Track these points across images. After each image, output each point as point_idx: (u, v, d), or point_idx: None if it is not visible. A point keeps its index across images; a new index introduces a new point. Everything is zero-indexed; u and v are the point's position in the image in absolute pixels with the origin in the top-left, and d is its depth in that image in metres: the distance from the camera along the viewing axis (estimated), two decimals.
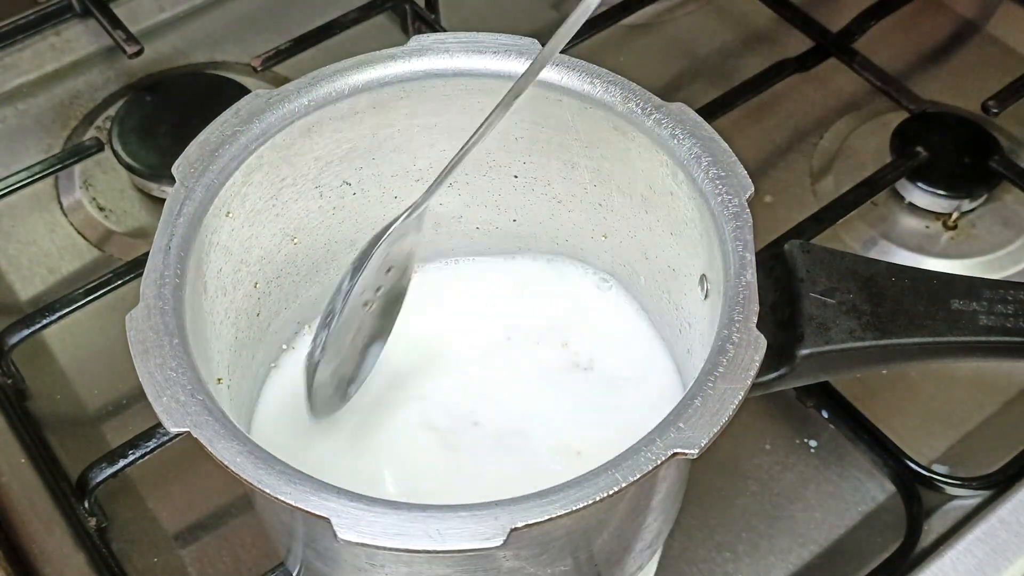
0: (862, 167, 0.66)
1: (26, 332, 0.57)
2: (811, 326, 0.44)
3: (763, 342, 0.37)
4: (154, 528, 0.54)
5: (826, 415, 0.56)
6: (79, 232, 0.66)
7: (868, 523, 0.54)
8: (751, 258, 0.39)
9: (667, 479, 0.42)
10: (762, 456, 0.56)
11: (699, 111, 0.44)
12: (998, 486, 0.53)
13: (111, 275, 0.59)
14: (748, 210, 0.41)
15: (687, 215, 0.43)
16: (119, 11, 0.72)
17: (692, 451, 0.35)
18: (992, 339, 0.45)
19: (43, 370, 0.59)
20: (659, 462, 0.34)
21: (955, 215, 0.65)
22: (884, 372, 0.58)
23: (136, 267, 0.59)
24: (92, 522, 0.52)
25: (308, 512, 0.34)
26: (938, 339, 0.45)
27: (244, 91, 0.58)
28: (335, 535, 0.33)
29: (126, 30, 0.70)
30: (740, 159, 0.42)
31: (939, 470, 0.54)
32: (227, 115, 0.44)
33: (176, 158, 0.42)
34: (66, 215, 0.66)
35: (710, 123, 0.43)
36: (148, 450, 0.52)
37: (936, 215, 0.65)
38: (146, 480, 0.55)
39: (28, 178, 0.65)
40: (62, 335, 0.60)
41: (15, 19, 0.72)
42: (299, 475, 0.35)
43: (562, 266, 0.53)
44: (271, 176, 0.45)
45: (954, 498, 0.54)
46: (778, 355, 0.44)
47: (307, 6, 0.76)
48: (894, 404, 0.57)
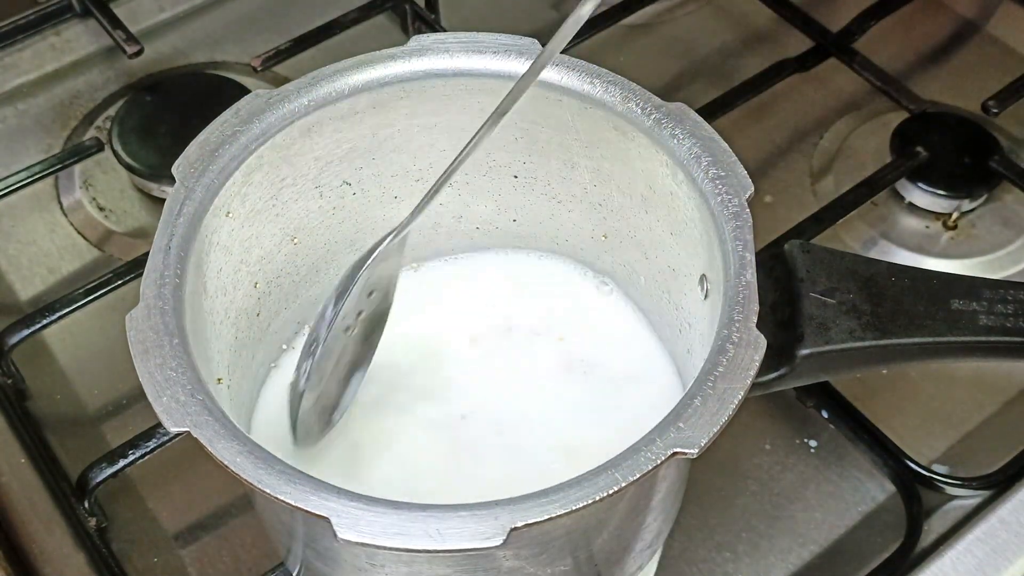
0: (862, 167, 0.66)
1: (26, 332, 0.57)
2: (811, 326, 0.44)
3: (763, 342, 0.37)
4: (154, 528, 0.54)
5: (826, 415, 0.56)
6: (79, 232, 0.66)
7: (868, 523, 0.54)
8: (751, 258, 0.39)
9: (667, 479, 0.42)
10: (762, 456, 0.56)
11: (699, 111, 0.44)
12: (998, 486, 0.53)
13: (111, 275, 0.59)
14: (748, 210, 0.41)
15: (687, 215, 0.43)
16: (119, 11, 0.71)
17: (692, 451, 0.35)
18: (992, 339, 0.45)
19: (43, 370, 0.59)
20: (659, 462, 0.34)
21: (955, 215, 0.65)
22: (884, 372, 0.58)
23: (136, 267, 0.59)
24: (92, 522, 0.52)
25: (308, 512, 0.34)
26: (938, 339, 0.45)
27: (244, 91, 0.58)
28: (335, 535, 0.33)
29: (126, 30, 0.70)
30: (740, 159, 0.42)
31: (939, 470, 0.54)
32: (227, 115, 0.44)
33: (176, 158, 0.42)
34: (66, 215, 0.66)
35: (710, 123, 0.43)
36: (148, 450, 0.52)
37: (936, 215, 0.65)
38: (146, 480, 0.55)
39: (28, 178, 0.65)
40: (62, 335, 0.60)
41: (15, 19, 0.72)
42: (299, 475, 0.35)
43: (561, 265, 0.53)
44: (271, 176, 0.45)
45: (954, 498, 0.54)
46: (778, 355, 0.44)
47: (307, 6, 0.76)
48: (894, 404, 0.57)
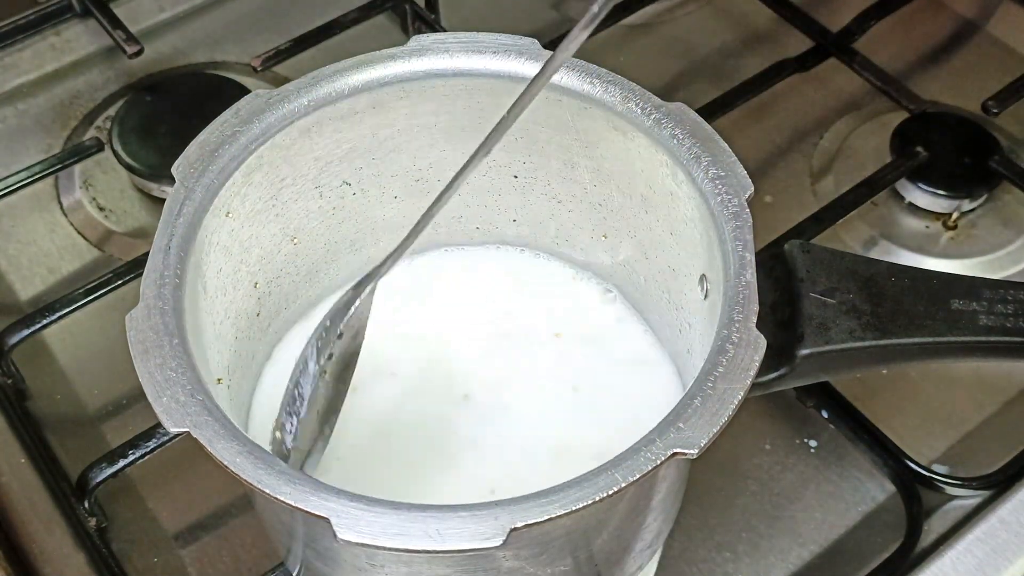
0: (862, 167, 0.66)
1: (26, 332, 0.57)
2: (811, 326, 0.44)
3: (763, 342, 0.37)
4: (154, 528, 0.54)
5: (826, 415, 0.56)
6: (79, 232, 0.66)
7: (868, 523, 0.54)
8: (751, 258, 0.39)
9: (667, 479, 0.41)
10: (762, 456, 0.56)
11: (699, 111, 0.44)
12: (998, 486, 0.53)
13: (111, 275, 0.59)
14: (748, 210, 0.41)
15: (687, 215, 0.43)
16: (119, 11, 0.71)
17: (692, 451, 0.35)
18: (992, 339, 0.45)
19: (43, 370, 0.59)
20: (659, 462, 0.34)
21: (955, 215, 0.65)
22: (884, 372, 0.58)
23: (136, 267, 0.59)
24: (92, 522, 0.52)
25: (308, 512, 0.34)
26: (938, 339, 0.45)
27: (244, 91, 0.58)
28: (335, 535, 0.33)
29: (126, 30, 0.70)
30: (740, 159, 0.42)
31: (939, 470, 0.54)
32: (227, 115, 0.44)
33: (176, 158, 0.42)
34: (66, 215, 0.66)
35: (710, 123, 0.43)
36: (148, 450, 0.52)
37: (936, 215, 0.65)
38: (146, 480, 0.55)
39: (28, 178, 0.65)
40: (62, 335, 0.60)
41: (15, 19, 0.72)
42: (299, 475, 0.35)
43: (561, 265, 0.53)
44: (271, 176, 0.45)
45: (954, 498, 0.54)
46: (778, 355, 0.44)
47: (307, 6, 0.76)
48: (894, 404, 0.57)
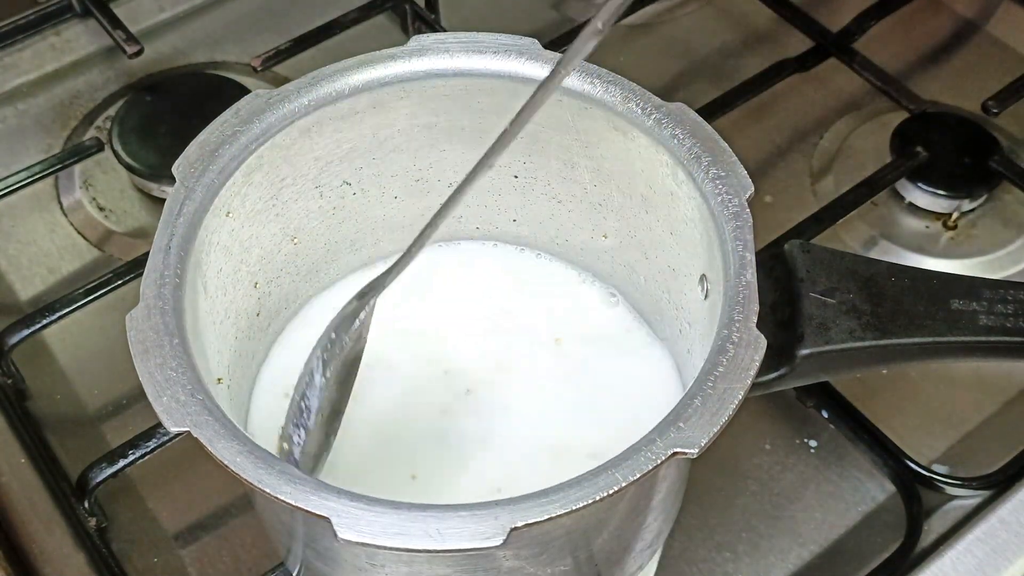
0: (862, 167, 0.66)
1: (26, 332, 0.57)
2: (811, 326, 0.44)
3: (763, 342, 0.37)
4: (154, 528, 0.54)
5: (826, 415, 0.56)
6: (79, 232, 0.66)
7: (868, 523, 0.54)
8: (751, 258, 0.39)
9: (667, 479, 0.41)
10: (762, 456, 0.56)
11: (699, 111, 0.44)
12: (998, 486, 0.53)
13: (111, 275, 0.59)
14: (748, 210, 0.41)
15: (687, 215, 0.43)
16: (119, 11, 0.71)
17: (692, 451, 0.35)
18: (992, 339, 0.45)
19: (43, 370, 0.59)
20: (659, 462, 0.34)
21: (955, 215, 0.65)
22: (884, 372, 0.58)
23: (136, 267, 0.59)
24: (92, 522, 0.52)
25: (308, 512, 0.34)
26: (938, 339, 0.45)
27: (244, 91, 0.58)
28: (335, 535, 0.33)
29: (126, 30, 0.70)
30: (740, 159, 0.42)
31: (939, 470, 0.54)
32: (227, 115, 0.44)
33: (176, 158, 0.42)
34: (66, 215, 0.66)
35: (710, 123, 0.43)
36: (148, 450, 0.52)
37: (936, 215, 0.65)
38: (146, 480, 0.55)
39: (28, 178, 0.65)
40: (62, 335, 0.60)
41: (15, 19, 0.72)
42: (299, 475, 0.35)
43: (561, 265, 0.53)
44: (271, 176, 0.45)
45: (954, 498, 0.54)
46: (778, 355, 0.44)
47: (307, 6, 0.76)
48: (894, 404, 0.57)
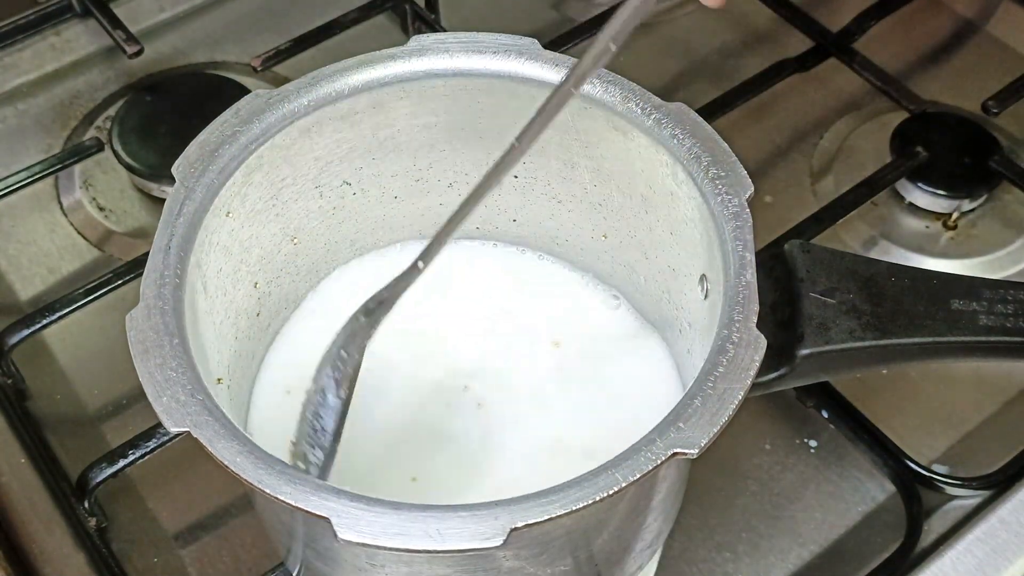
0: (862, 167, 0.66)
1: (26, 332, 0.57)
2: (811, 326, 0.44)
3: (763, 342, 0.37)
4: (154, 528, 0.54)
5: (826, 415, 0.56)
6: (79, 232, 0.66)
7: (868, 523, 0.54)
8: (751, 258, 0.39)
9: (667, 479, 0.41)
10: (762, 456, 0.56)
11: (699, 111, 0.44)
12: (998, 486, 0.53)
13: (111, 275, 0.59)
14: (748, 210, 0.41)
15: (687, 215, 0.43)
16: (119, 11, 0.71)
17: (692, 451, 0.35)
18: (992, 339, 0.45)
19: (43, 370, 0.59)
20: (659, 462, 0.34)
21: (955, 215, 0.65)
22: (884, 372, 0.58)
23: (136, 267, 0.59)
24: (92, 522, 0.52)
25: (308, 512, 0.34)
26: (938, 339, 0.45)
27: (244, 91, 0.58)
28: (335, 535, 0.33)
29: (126, 30, 0.70)
30: (740, 159, 0.42)
31: (939, 470, 0.54)
32: (227, 115, 0.44)
33: (176, 158, 0.42)
34: (66, 215, 0.66)
35: (710, 123, 0.43)
36: (148, 450, 0.52)
37: (936, 215, 0.65)
38: (146, 480, 0.55)
39: (28, 178, 0.65)
40: (62, 335, 0.60)
41: (15, 19, 0.72)
42: (299, 475, 0.35)
43: (561, 265, 0.53)
44: (271, 176, 0.45)
45: (954, 498, 0.54)
46: (778, 355, 0.44)
47: (307, 6, 0.76)
48: (894, 404, 0.57)
